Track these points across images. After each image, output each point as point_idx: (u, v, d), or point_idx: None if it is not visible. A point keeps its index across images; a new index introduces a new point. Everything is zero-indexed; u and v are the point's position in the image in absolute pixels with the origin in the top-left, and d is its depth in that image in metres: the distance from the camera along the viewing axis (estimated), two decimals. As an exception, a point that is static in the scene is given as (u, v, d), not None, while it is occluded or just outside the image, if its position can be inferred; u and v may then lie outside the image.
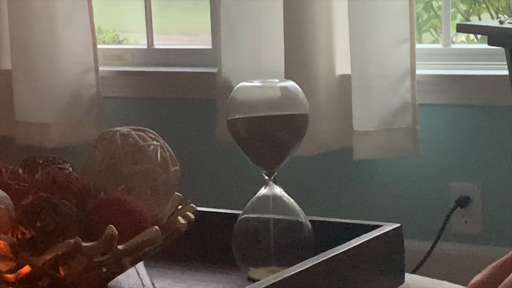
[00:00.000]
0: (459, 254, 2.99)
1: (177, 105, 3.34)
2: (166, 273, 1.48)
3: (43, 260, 1.21)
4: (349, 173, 3.12)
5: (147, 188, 1.33)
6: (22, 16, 3.29)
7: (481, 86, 2.98)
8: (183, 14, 3.85)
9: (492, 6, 3.61)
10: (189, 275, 1.49)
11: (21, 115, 3.33)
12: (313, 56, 2.97)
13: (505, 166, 2.91)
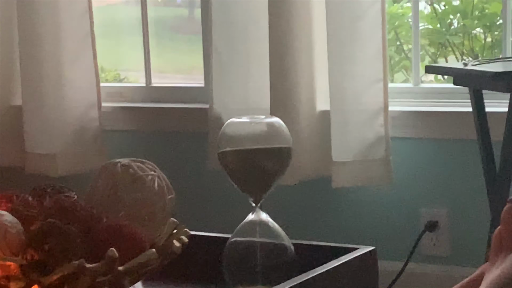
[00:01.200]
0: (428, 274, 2.99)
1: (172, 138, 3.33)
2: None
3: (51, 280, 1.21)
4: (329, 200, 3.12)
5: (145, 214, 1.34)
6: (32, 56, 3.29)
7: (447, 122, 2.99)
8: (178, 55, 3.85)
9: (457, 49, 3.62)
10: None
11: (31, 146, 3.32)
12: (295, 94, 2.98)
13: (469, 193, 2.91)
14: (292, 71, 2.97)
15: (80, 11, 3.27)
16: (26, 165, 3.34)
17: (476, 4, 3.55)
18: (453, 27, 3.64)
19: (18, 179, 3.38)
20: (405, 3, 3.51)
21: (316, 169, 3.01)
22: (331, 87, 2.94)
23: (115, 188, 1.32)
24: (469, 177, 2.90)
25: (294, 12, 2.94)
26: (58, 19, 3.26)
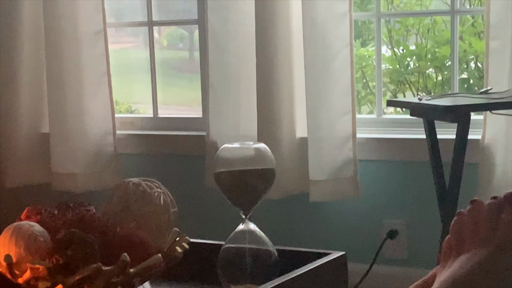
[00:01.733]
0: (389, 275, 2.99)
1: (175, 160, 3.33)
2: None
3: (73, 280, 1.21)
4: (306, 212, 3.11)
5: (152, 225, 1.34)
6: (57, 91, 3.28)
7: (405, 147, 2.99)
8: (180, 90, 3.85)
9: (413, 86, 3.63)
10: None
11: (56, 167, 3.31)
12: (278, 124, 2.97)
13: (424, 206, 2.91)
14: (276, 104, 2.97)
15: (99, 53, 3.27)
16: (52, 183, 3.33)
17: (429, 49, 3.56)
18: (409, 67, 3.65)
19: (46, 195, 3.36)
20: (370, 47, 3.52)
21: (295, 186, 3.00)
22: (308, 118, 2.94)
23: (127, 203, 1.32)
24: (423, 193, 2.90)
25: (277, 54, 2.94)
26: (80, 60, 3.25)
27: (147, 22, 3.44)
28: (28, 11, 3.33)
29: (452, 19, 3.03)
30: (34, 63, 3.36)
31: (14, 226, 1.25)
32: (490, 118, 2.75)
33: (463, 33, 3.50)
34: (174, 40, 4.04)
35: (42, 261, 1.21)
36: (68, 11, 3.23)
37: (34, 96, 3.40)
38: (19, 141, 3.39)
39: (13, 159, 3.39)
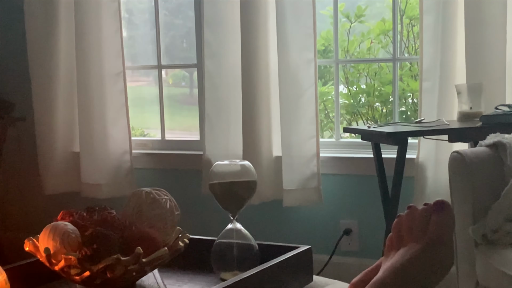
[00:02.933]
0: (345, 264, 2.98)
1: (178, 174, 3.32)
2: (171, 275, 1.47)
3: (97, 268, 1.21)
4: (281, 214, 3.11)
5: (160, 225, 1.34)
6: (86, 119, 3.27)
7: (357, 163, 2.99)
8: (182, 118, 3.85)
9: (364, 117, 3.64)
10: (185, 276, 1.48)
11: (85, 178, 3.30)
12: (259, 145, 2.97)
13: (372, 210, 2.91)
14: (257, 130, 2.97)
15: (119, 90, 3.26)
16: (81, 191, 3.32)
17: (376, 87, 3.57)
18: (361, 102, 3.66)
19: (76, 201, 3.34)
20: (330, 86, 3.53)
21: (272, 194, 3.00)
22: (282, 140, 2.94)
23: (140, 207, 1.32)
24: (371, 200, 2.90)
25: (258, 90, 2.94)
26: (104, 94, 3.24)
27: (157, 66, 3.44)
28: (64, 55, 3.32)
29: (393, 65, 3.05)
30: (68, 97, 3.35)
31: (52, 225, 1.25)
32: (423, 142, 2.76)
33: (402, 75, 3.52)
34: (178, 79, 4.04)
35: (73, 253, 1.20)
36: (95, 56, 3.23)
37: (67, 123, 3.39)
38: (55, 158, 3.38)
39: (51, 172, 3.38)
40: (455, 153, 1.94)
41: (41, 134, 3.37)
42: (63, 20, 3.30)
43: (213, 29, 3.05)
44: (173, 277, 1.43)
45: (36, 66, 3.35)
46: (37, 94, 3.37)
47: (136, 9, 3.60)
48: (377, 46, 3.61)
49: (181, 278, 1.43)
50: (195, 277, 1.44)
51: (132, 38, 3.58)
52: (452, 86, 2.67)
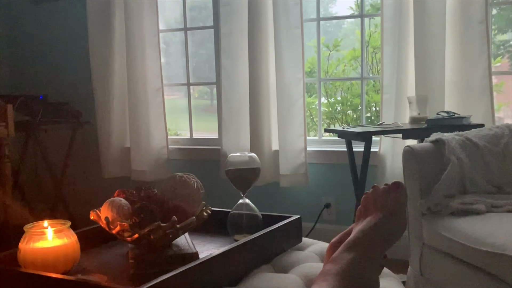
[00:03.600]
0: (325, 229, 2.98)
1: (202, 163, 3.33)
2: (197, 237, 1.48)
3: (143, 232, 1.22)
4: (278, 192, 3.11)
5: (190, 200, 1.35)
6: (135, 122, 3.28)
7: (334, 155, 2.99)
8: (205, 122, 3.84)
9: (339, 121, 3.64)
10: (207, 238, 1.49)
11: (134, 166, 3.31)
12: (262, 142, 2.97)
13: (345, 189, 2.91)
14: (260, 131, 2.97)
15: (159, 101, 3.27)
16: (131, 175, 3.33)
17: (348, 99, 3.58)
18: (337, 110, 3.67)
19: (127, 183, 3.36)
20: (314, 98, 3.53)
21: (272, 177, 3.00)
22: (279, 138, 2.94)
23: (175, 187, 1.33)
24: (345, 182, 2.90)
25: (261, 101, 2.95)
26: (147, 104, 3.25)
27: (186, 83, 3.45)
28: (118, 75, 3.33)
29: (361, 82, 3.05)
30: (121, 106, 3.36)
31: (110, 200, 1.26)
32: (383, 139, 2.77)
33: (368, 90, 3.52)
34: (201, 93, 4.05)
35: (126, 221, 1.21)
36: (141, 76, 3.23)
37: (121, 126, 3.39)
38: (112, 151, 3.38)
39: (109, 162, 3.39)
40: (407, 147, 1.95)
41: (101, 134, 3.38)
42: (118, 48, 3.31)
43: (228, 57, 3.05)
44: (199, 238, 1.43)
45: (98, 84, 3.36)
46: (98, 104, 3.37)
47: (171, 42, 3.60)
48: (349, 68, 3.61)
49: (205, 239, 1.44)
50: (215, 238, 1.45)
51: (168, 63, 3.58)
52: (405, 98, 2.68)
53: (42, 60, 3.71)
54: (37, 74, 3.72)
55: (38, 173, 3.64)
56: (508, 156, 2.01)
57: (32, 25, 3.71)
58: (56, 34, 3.64)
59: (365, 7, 3.02)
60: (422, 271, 1.88)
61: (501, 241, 1.51)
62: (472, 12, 2.53)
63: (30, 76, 3.75)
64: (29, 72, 3.76)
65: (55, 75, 3.67)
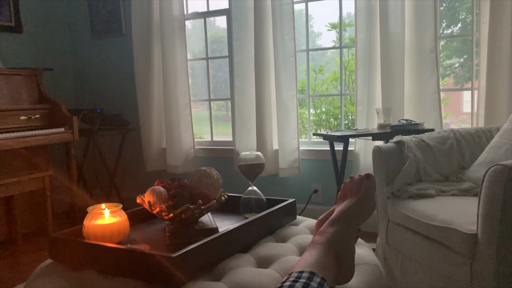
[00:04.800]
0: (314, 209, 2.98)
1: (220, 160, 3.32)
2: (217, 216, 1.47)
3: (177, 212, 1.22)
4: (278, 181, 3.10)
5: (212, 188, 1.34)
6: (169, 128, 3.27)
7: (320, 153, 2.97)
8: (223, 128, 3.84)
9: (324, 127, 3.63)
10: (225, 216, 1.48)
11: (169, 162, 3.30)
12: (266, 143, 2.97)
13: (330, 178, 2.90)
14: (264, 135, 2.96)
15: (187, 113, 3.26)
16: (167, 169, 3.32)
17: (330, 110, 3.57)
18: (322, 118, 3.66)
19: (164, 175, 3.35)
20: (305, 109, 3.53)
21: (273, 170, 2.98)
22: (278, 140, 2.92)
23: (200, 178, 1.33)
24: (329, 173, 2.90)
25: (265, 113, 2.94)
26: (179, 115, 3.24)
27: (208, 99, 3.45)
28: (157, 92, 3.33)
29: (341, 97, 3.04)
30: (159, 116, 3.36)
31: (151, 188, 1.26)
32: (357, 141, 2.76)
33: (346, 103, 3.51)
34: (220, 106, 4.05)
35: (163, 203, 1.22)
36: (173, 93, 3.23)
37: (159, 131, 3.38)
38: (152, 150, 3.38)
39: (150, 159, 3.38)
40: (375, 147, 1.94)
41: (144, 138, 3.38)
42: (156, 73, 3.31)
43: (239, 79, 3.04)
44: (218, 217, 1.43)
45: (141, 100, 3.36)
46: (141, 115, 3.37)
47: (196, 67, 3.61)
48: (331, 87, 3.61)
49: (223, 217, 1.44)
50: (230, 216, 1.44)
51: (194, 83, 3.59)
52: (374, 109, 2.67)
53: (99, 82, 3.73)
54: (95, 93, 3.74)
55: (96, 168, 3.66)
56: (453, 153, 2.01)
57: (91, 56, 3.73)
58: (110, 62, 3.66)
59: (343, 40, 3.01)
60: (387, 241, 1.87)
61: (447, 217, 1.51)
62: (425, 43, 2.53)
63: (90, 94, 3.77)
64: (89, 91, 3.78)
65: (109, 94, 3.68)
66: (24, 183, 2.60)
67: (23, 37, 3.40)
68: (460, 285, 1.45)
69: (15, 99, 2.80)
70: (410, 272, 1.71)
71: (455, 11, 3.02)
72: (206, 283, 0.96)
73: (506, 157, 1.74)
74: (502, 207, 1.31)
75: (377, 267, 1.10)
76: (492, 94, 2.40)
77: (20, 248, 2.71)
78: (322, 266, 0.82)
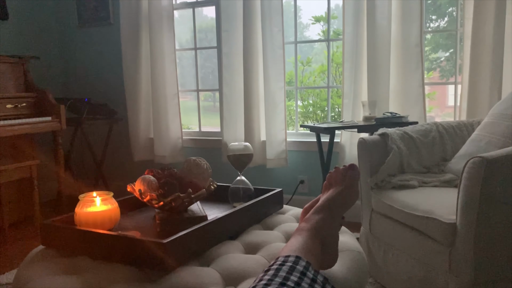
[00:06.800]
0: (300, 199, 2.99)
1: (209, 150, 3.32)
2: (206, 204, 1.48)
3: (167, 200, 1.23)
4: (265, 172, 3.11)
5: (201, 177, 1.34)
6: (157, 118, 3.25)
7: (307, 144, 2.99)
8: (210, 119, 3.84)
9: (311, 119, 3.66)
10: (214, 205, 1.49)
11: (156, 152, 3.30)
12: (254, 134, 2.98)
13: (315, 169, 2.93)
14: (252, 126, 2.97)
15: (175, 103, 3.26)
16: (154, 159, 3.31)
17: (318, 102, 3.60)
18: (310, 110, 3.69)
19: (151, 165, 3.35)
20: (293, 101, 3.55)
21: (260, 161, 3.00)
22: (266, 131, 2.94)
23: (190, 168, 1.33)
24: (315, 164, 2.93)
25: (252, 104, 2.95)
26: (166, 105, 3.23)
27: (196, 89, 3.45)
28: (145, 82, 3.32)
29: (328, 90, 3.07)
30: (147, 106, 3.35)
31: (142, 177, 1.27)
32: (344, 132, 2.79)
33: (332, 95, 3.55)
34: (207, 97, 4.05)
35: (154, 192, 1.23)
36: (162, 83, 3.23)
37: (146, 121, 3.38)
38: (140, 140, 3.37)
39: (137, 149, 3.38)
40: (360, 139, 1.96)
41: (132, 128, 3.37)
42: (144, 63, 3.30)
43: (228, 70, 3.05)
44: (207, 205, 1.45)
45: (129, 89, 3.35)
46: (129, 105, 3.36)
47: (184, 58, 3.60)
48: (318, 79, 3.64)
49: (212, 206, 1.45)
50: (219, 205, 1.46)
51: (182, 73, 3.58)
52: (359, 102, 2.70)
53: (87, 71, 3.70)
54: (83, 82, 3.71)
55: (83, 157, 3.65)
56: (435, 145, 2.05)
57: (78, 45, 3.70)
58: (97, 52, 3.63)
59: (330, 33, 3.04)
60: (371, 230, 1.91)
61: (428, 207, 1.56)
62: (410, 38, 2.56)
63: (78, 84, 3.74)
64: (77, 80, 3.75)
65: (97, 83, 3.66)
66: (11, 172, 2.59)
67: (9, 24, 3.35)
68: (439, 272, 1.50)
69: (1, 87, 2.78)
70: (392, 260, 1.76)
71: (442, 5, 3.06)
72: (196, 268, 0.99)
73: (486, 149, 1.79)
74: (480, 197, 1.36)
75: (360, 253, 1.14)
76: (475, 88, 2.45)
77: (7, 237, 2.70)
78: (308, 251, 0.84)
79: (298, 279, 0.73)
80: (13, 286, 1.03)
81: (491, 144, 1.80)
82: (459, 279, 1.42)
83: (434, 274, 1.53)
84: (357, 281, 1.03)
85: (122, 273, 0.97)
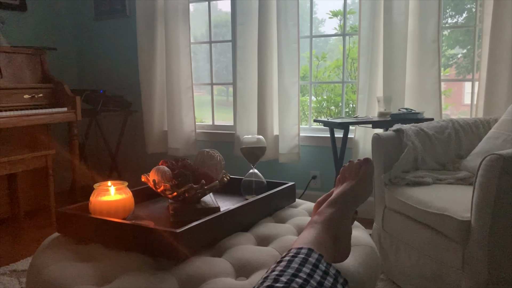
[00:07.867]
0: (312, 195, 3.00)
1: (222, 144, 3.33)
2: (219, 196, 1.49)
3: (180, 191, 1.24)
4: (277, 166, 3.12)
5: (214, 169, 1.35)
6: (171, 111, 3.28)
7: (320, 139, 3.00)
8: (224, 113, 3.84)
9: (325, 114, 3.65)
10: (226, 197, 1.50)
11: (170, 144, 3.33)
12: (267, 128, 2.98)
13: (328, 165, 2.93)
14: (265, 120, 2.98)
15: (189, 97, 3.28)
16: (168, 152, 3.34)
17: (332, 97, 3.58)
18: (323, 105, 3.67)
19: (165, 157, 3.38)
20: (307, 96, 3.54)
21: (273, 155, 3.01)
22: (279, 126, 2.95)
23: (203, 159, 1.35)
24: (328, 159, 2.92)
25: (266, 98, 2.96)
26: (180, 99, 3.26)
27: (210, 83, 3.46)
28: (159, 76, 3.35)
29: (342, 85, 3.06)
30: (161, 99, 3.38)
31: (156, 167, 1.28)
32: (358, 128, 2.78)
33: (347, 91, 3.53)
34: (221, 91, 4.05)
35: (168, 182, 1.24)
36: (176, 77, 3.25)
37: (161, 114, 3.40)
38: (154, 133, 3.40)
39: (151, 141, 3.41)
40: (375, 134, 1.96)
41: (146, 120, 3.40)
42: (159, 56, 3.32)
43: (242, 64, 3.05)
44: (220, 197, 1.46)
45: (144, 82, 3.37)
46: (144, 98, 3.39)
47: (199, 51, 3.61)
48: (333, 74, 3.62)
49: (224, 198, 1.46)
50: (231, 197, 1.47)
51: (196, 67, 3.59)
52: (374, 97, 2.69)
53: (102, 63, 3.73)
54: (98, 74, 3.75)
55: (98, 148, 3.69)
56: (451, 142, 2.03)
57: (94, 37, 3.73)
58: (113, 44, 3.66)
59: (346, 28, 3.02)
60: (383, 226, 1.91)
61: (443, 205, 1.55)
62: (427, 34, 2.54)
63: (93, 76, 3.78)
64: (92, 72, 3.78)
65: (112, 75, 3.69)
66: (27, 161, 2.63)
67: (27, 15, 3.39)
68: (452, 270, 1.49)
69: (18, 77, 2.82)
70: (404, 257, 1.75)
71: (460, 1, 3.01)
72: (208, 258, 1.00)
73: (503, 147, 1.77)
74: (496, 195, 1.34)
75: (372, 248, 1.14)
76: (492, 85, 2.42)
77: (23, 225, 2.75)
78: (320, 244, 0.85)
79: (310, 271, 0.73)
80: (28, 272, 1.05)
81: (508, 142, 1.78)
82: (472, 278, 1.41)
83: (446, 272, 1.52)
84: (369, 276, 1.03)
85: (135, 261, 0.98)
